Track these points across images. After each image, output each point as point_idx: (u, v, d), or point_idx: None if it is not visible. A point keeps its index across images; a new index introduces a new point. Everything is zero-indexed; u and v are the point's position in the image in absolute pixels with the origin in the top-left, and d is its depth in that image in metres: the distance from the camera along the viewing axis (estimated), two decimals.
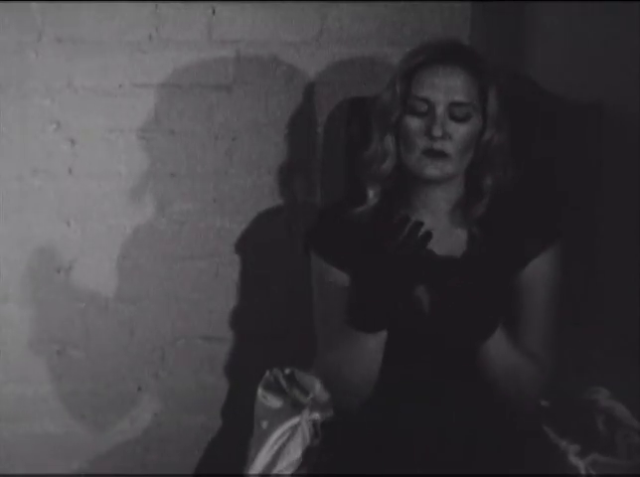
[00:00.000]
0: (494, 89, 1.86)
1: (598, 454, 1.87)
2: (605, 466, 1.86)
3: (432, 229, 1.72)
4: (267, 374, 2.15)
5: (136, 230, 2.38)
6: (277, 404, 2.08)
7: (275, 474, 1.93)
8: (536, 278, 1.87)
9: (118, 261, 2.39)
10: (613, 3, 2.03)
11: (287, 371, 2.15)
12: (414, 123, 1.83)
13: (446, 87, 1.81)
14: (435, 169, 1.83)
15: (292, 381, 2.13)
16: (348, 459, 1.82)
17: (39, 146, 2.32)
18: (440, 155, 1.82)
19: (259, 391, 2.11)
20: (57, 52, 2.28)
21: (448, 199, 1.90)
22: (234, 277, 2.43)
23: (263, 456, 1.95)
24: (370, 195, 1.91)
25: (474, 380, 1.81)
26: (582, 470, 1.86)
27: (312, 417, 1.99)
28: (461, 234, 1.90)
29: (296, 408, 2.04)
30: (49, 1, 2.25)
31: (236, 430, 2.24)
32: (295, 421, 1.99)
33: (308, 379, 2.12)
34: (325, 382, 1.95)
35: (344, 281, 1.89)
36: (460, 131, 1.82)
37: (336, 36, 2.35)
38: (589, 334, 2.10)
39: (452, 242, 1.87)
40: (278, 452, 1.95)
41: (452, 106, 1.82)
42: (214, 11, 2.31)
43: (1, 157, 2.31)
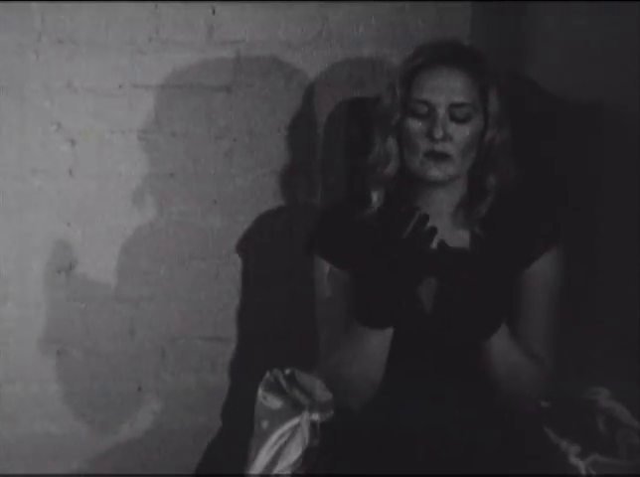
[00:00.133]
0: (495, 89, 1.86)
1: (599, 455, 1.87)
2: (606, 466, 1.86)
3: None
4: (268, 374, 2.15)
5: (136, 230, 2.38)
6: (277, 405, 2.08)
7: (275, 474, 1.93)
8: (537, 279, 1.87)
9: (118, 261, 2.39)
10: (613, 3, 2.04)
11: (287, 371, 2.15)
12: (416, 126, 1.84)
13: (446, 89, 1.81)
14: (438, 171, 1.83)
15: (292, 381, 2.14)
16: (348, 459, 1.82)
17: (39, 147, 2.31)
18: (442, 157, 1.82)
19: (260, 391, 2.11)
20: (57, 53, 2.27)
21: (451, 200, 1.90)
22: (234, 278, 2.43)
23: (263, 456, 1.96)
24: (374, 198, 1.91)
25: (476, 379, 1.81)
26: (583, 470, 1.86)
27: (312, 418, 1.99)
28: (464, 234, 1.90)
29: (296, 409, 2.04)
30: (49, 1, 2.25)
31: (236, 431, 2.24)
32: (295, 422, 1.99)
33: (308, 379, 2.12)
34: (328, 383, 1.94)
35: (347, 282, 1.90)
36: (461, 132, 1.82)
37: (336, 36, 2.35)
38: (589, 334, 2.11)
39: (455, 243, 1.87)
40: (278, 452, 1.95)
41: (453, 108, 1.82)
42: (214, 11, 2.31)
43: (1, 157, 2.30)
